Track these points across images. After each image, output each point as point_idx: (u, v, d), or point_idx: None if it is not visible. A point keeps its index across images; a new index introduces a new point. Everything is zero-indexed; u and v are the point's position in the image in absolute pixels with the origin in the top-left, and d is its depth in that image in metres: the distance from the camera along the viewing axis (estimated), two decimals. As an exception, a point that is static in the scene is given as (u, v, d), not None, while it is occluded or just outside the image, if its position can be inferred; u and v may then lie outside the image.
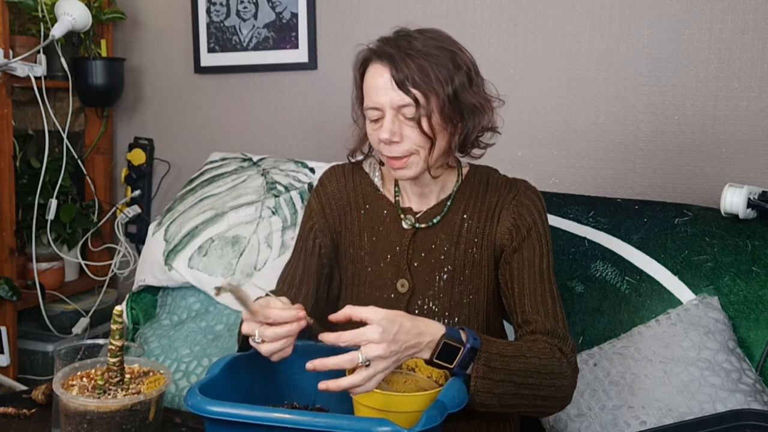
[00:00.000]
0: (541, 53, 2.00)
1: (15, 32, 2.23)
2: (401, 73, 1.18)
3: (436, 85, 1.18)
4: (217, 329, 1.76)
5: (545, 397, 1.15)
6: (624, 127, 1.93)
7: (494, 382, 1.10)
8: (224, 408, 0.96)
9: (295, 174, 1.99)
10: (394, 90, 1.18)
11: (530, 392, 1.13)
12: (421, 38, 1.22)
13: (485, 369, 1.09)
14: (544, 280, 1.26)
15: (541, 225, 1.30)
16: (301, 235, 1.40)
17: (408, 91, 1.18)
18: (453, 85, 1.20)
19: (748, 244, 1.55)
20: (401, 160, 1.23)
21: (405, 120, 1.20)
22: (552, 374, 1.15)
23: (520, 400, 1.14)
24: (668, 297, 1.53)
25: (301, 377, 1.21)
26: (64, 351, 1.14)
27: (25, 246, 2.30)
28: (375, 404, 1.03)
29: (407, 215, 1.34)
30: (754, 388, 1.38)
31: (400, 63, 1.18)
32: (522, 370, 1.12)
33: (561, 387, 1.17)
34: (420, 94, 1.18)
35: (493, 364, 1.10)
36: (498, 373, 1.10)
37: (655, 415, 1.36)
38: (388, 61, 1.19)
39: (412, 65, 1.18)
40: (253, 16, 2.32)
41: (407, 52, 1.19)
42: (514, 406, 1.15)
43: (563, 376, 1.17)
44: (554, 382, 1.16)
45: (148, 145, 2.53)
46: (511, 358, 1.12)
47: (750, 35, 1.79)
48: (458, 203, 1.33)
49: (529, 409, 1.17)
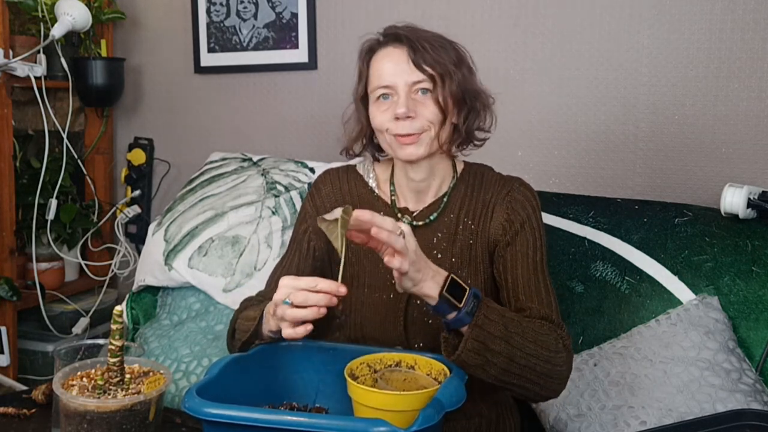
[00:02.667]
0: (541, 53, 2.00)
1: (15, 32, 2.24)
2: (418, 53, 1.25)
3: (450, 67, 1.26)
4: (217, 329, 1.76)
5: (540, 373, 1.15)
6: (624, 127, 1.93)
7: (491, 337, 1.10)
8: (222, 410, 0.96)
9: (295, 174, 1.99)
10: (410, 68, 1.25)
11: (525, 363, 1.13)
12: (424, 32, 1.30)
13: (484, 319, 1.09)
14: (538, 272, 1.27)
15: (535, 220, 1.31)
16: (295, 237, 1.41)
17: (424, 70, 1.24)
18: (461, 71, 1.28)
19: (748, 244, 1.55)
20: (412, 136, 1.25)
21: (418, 97, 1.25)
22: (548, 349, 1.16)
23: (513, 368, 1.13)
24: (668, 297, 1.53)
25: (301, 377, 1.22)
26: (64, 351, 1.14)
27: (25, 246, 2.30)
28: (374, 403, 1.03)
29: (404, 215, 1.35)
30: (754, 388, 1.38)
31: (417, 45, 1.25)
32: (519, 334, 1.13)
33: (556, 365, 1.17)
34: (435, 73, 1.24)
35: (492, 317, 1.10)
36: (495, 327, 1.10)
37: (655, 415, 1.36)
38: (406, 43, 1.26)
39: (428, 48, 1.25)
40: (253, 16, 2.32)
41: (421, 34, 1.27)
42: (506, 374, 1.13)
43: (558, 354, 1.17)
44: (550, 357, 1.16)
45: (148, 145, 2.53)
46: (509, 320, 1.13)
47: (750, 35, 1.79)
48: (454, 201, 1.34)
49: (521, 382, 1.15)
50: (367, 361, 1.14)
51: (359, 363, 1.12)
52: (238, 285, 1.79)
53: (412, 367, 1.16)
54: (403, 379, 1.13)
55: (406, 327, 1.32)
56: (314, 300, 1.07)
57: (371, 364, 1.14)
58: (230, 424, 0.96)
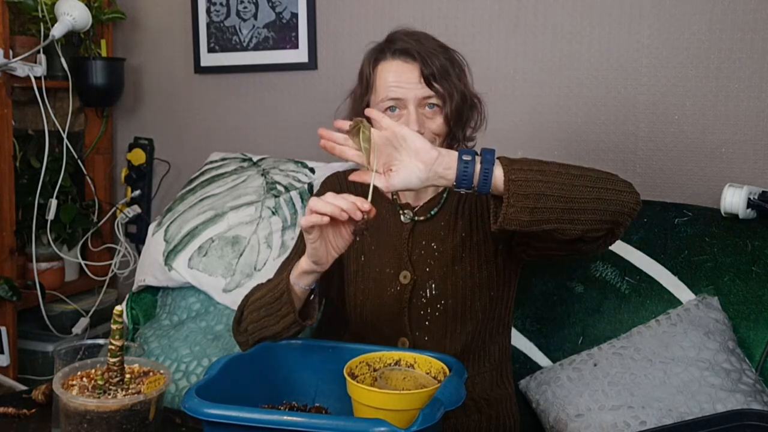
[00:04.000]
0: (541, 53, 2.00)
1: (15, 32, 2.23)
2: (429, 69, 1.28)
3: (455, 81, 1.30)
4: (217, 329, 1.76)
5: (605, 188, 1.09)
6: (624, 127, 1.93)
7: (534, 172, 1.05)
8: (221, 410, 0.97)
9: (295, 174, 1.99)
10: (421, 85, 1.29)
11: (582, 183, 1.07)
12: (423, 38, 1.33)
13: (516, 162, 1.07)
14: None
15: None
16: (302, 234, 1.41)
17: (434, 87, 1.29)
18: (462, 82, 1.34)
19: (748, 244, 1.55)
20: None
21: (426, 111, 1.31)
22: (595, 171, 1.12)
23: (578, 192, 1.07)
24: (668, 297, 1.53)
25: (300, 377, 1.22)
26: (64, 351, 1.14)
27: (25, 246, 2.30)
28: (373, 403, 1.03)
29: (405, 210, 1.39)
30: (754, 388, 1.38)
31: (427, 59, 1.29)
32: (556, 170, 1.08)
33: (617, 184, 1.12)
34: (445, 91, 1.30)
35: (517, 164, 1.07)
36: (532, 165, 1.07)
37: (655, 415, 1.36)
38: (419, 59, 1.29)
39: (437, 62, 1.29)
40: (253, 16, 2.32)
41: (430, 50, 1.30)
42: (568, 212, 1.06)
43: (617, 180, 1.13)
44: (601, 176, 1.11)
45: (148, 145, 2.53)
46: (539, 162, 1.10)
47: (750, 35, 1.79)
48: (454, 194, 1.38)
49: (595, 205, 1.08)
50: (367, 360, 1.14)
51: (358, 362, 1.13)
52: (238, 285, 1.79)
53: (411, 365, 1.16)
54: (402, 378, 1.13)
55: (410, 319, 1.34)
56: (338, 202, 1.09)
57: (371, 363, 1.14)
58: (230, 424, 0.96)
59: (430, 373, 1.14)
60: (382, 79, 1.32)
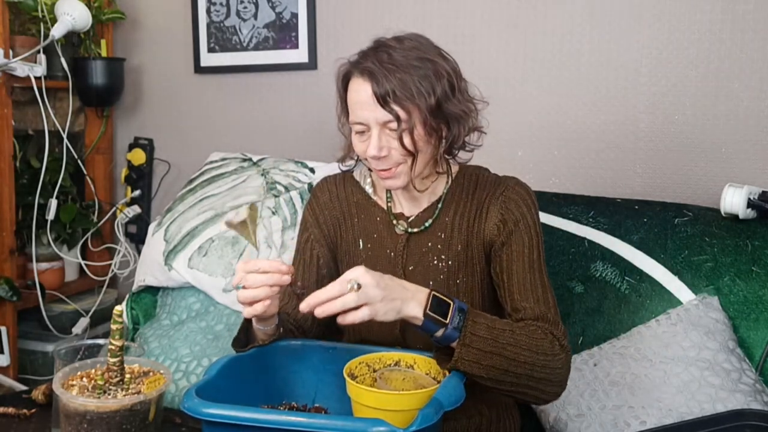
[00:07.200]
0: (541, 53, 2.00)
1: (15, 32, 2.23)
2: (382, 89, 1.18)
3: (418, 99, 1.18)
4: (217, 329, 1.76)
5: (538, 378, 1.15)
6: (624, 127, 1.93)
7: (482, 353, 1.10)
8: (221, 410, 0.97)
9: (295, 174, 1.99)
10: (376, 106, 1.19)
11: (521, 371, 1.13)
12: (401, 49, 1.22)
13: (472, 337, 1.09)
14: (534, 270, 1.26)
15: (530, 218, 1.29)
16: (298, 248, 1.42)
17: (390, 108, 1.18)
18: (435, 95, 1.20)
19: (748, 244, 1.55)
20: (389, 170, 1.24)
21: (391, 132, 1.21)
22: (544, 353, 1.15)
23: (508, 378, 1.13)
24: (668, 297, 1.53)
25: (300, 377, 1.22)
26: (64, 351, 1.14)
27: (25, 246, 2.30)
28: (373, 403, 1.03)
29: (399, 221, 1.35)
30: (754, 388, 1.38)
31: (381, 78, 1.18)
32: (511, 344, 1.12)
33: (555, 369, 1.17)
34: (401, 109, 1.18)
35: (480, 332, 1.10)
36: (485, 343, 1.10)
37: (655, 415, 1.36)
38: (369, 77, 1.20)
39: (393, 80, 1.18)
40: (253, 16, 2.32)
41: (387, 66, 1.19)
42: (502, 384, 1.13)
43: (556, 357, 1.17)
44: (546, 362, 1.15)
45: (148, 145, 2.53)
46: (499, 332, 1.13)
47: (750, 35, 1.79)
48: (448, 205, 1.34)
49: (521, 389, 1.15)
50: (366, 361, 1.14)
51: (358, 362, 1.13)
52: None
53: (411, 366, 1.16)
54: (402, 379, 1.13)
55: (403, 330, 1.32)
56: (262, 280, 1.09)
57: (370, 363, 1.14)
58: (229, 424, 0.96)
59: (429, 374, 1.14)
60: (349, 99, 1.26)
